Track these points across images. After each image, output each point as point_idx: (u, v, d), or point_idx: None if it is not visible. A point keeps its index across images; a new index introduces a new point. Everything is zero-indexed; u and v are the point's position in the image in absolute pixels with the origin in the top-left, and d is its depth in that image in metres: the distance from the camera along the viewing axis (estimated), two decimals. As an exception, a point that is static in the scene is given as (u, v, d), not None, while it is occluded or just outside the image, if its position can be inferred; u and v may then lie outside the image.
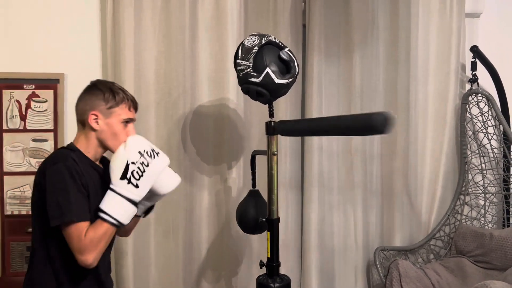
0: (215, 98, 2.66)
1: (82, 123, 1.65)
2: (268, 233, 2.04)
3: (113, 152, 1.62)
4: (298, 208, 2.82)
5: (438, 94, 2.82)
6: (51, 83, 2.61)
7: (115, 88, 1.66)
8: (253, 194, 2.31)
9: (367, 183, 2.82)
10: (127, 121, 1.66)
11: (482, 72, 2.81)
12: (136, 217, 1.77)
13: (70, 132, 2.63)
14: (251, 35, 2.00)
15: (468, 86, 2.86)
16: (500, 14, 2.96)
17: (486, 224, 2.85)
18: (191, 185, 2.67)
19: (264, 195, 2.25)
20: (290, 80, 1.96)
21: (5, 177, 2.59)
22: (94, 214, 1.53)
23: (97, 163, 1.70)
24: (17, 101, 2.59)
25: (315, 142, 2.74)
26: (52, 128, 2.62)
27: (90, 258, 1.47)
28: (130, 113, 1.67)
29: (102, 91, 1.63)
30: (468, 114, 2.85)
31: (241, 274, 2.74)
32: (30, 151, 2.60)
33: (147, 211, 1.81)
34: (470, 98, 2.83)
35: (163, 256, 2.68)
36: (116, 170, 1.53)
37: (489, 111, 2.79)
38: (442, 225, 2.82)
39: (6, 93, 2.59)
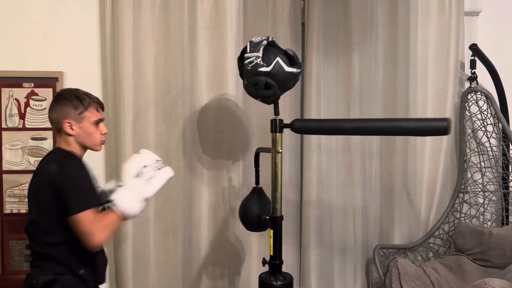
0: (214, 96, 2.66)
1: (59, 130, 1.82)
2: (272, 231, 2.05)
3: (93, 150, 1.87)
4: (297, 206, 2.82)
5: (437, 92, 2.82)
6: (50, 81, 2.61)
7: (80, 94, 1.83)
8: (257, 191, 2.31)
9: (366, 181, 2.82)
10: (97, 122, 1.85)
11: (481, 70, 2.81)
12: None
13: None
14: (255, 38, 2.02)
15: (467, 84, 2.86)
16: (499, 12, 2.96)
17: (485, 222, 2.85)
18: (191, 183, 2.67)
19: (266, 193, 2.25)
20: (299, 70, 2.00)
21: (4, 176, 2.59)
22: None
23: None
24: (16, 99, 2.59)
25: (314, 140, 2.75)
26: (51, 126, 2.60)
27: (100, 239, 1.68)
28: (98, 114, 1.86)
29: (69, 100, 1.80)
30: (467, 112, 2.85)
31: (241, 272, 2.74)
32: (29, 150, 2.60)
33: None
34: (469, 96, 2.83)
35: (163, 255, 2.68)
36: (131, 171, 1.79)
37: (488, 109, 2.80)
38: (441, 223, 2.82)
39: (5, 91, 2.59)
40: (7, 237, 2.59)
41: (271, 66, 1.93)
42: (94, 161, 2.05)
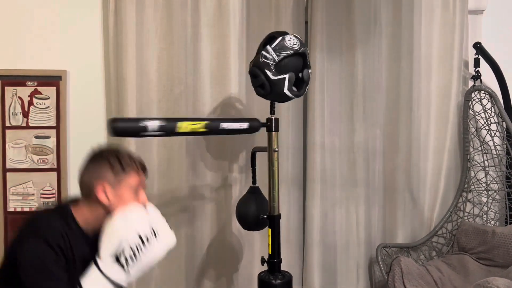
0: (217, 95, 2.65)
1: (88, 194, 1.51)
2: (270, 229, 2.05)
3: None
4: (300, 204, 2.82)
5: (441, 90, 2.81)
6: (54, 80, 2.62)
7: (121, 155, 1.54)
8: (254, 191, 2.31)
9: (369, 179, 2.81)
10: (138, 188, 1.57)
11: (485, 68, 2.79)
12: None
13: (72, 129, 2.65)
14: (295, 36, 1.98)
15: (471, 83, 2.85)
16: (503, 10, 2.95)
17: (488, 221, 2.84)
18: (193, 182, 2.67)
19: (265, 192, 2.25)
20: (294, 97, 1.99)
21: (8, 174, 2.60)
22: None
23: (92, 233, 1.55)
24: (20, 98, 2.60)
25: (317, 139, 2.74)
26: (55, 125, 2.62)
27: None
28: (139, 178, 1.56)
29: (108, 161, 1.51)
30: (470, 111, 2.84)
31: (242, 271, 2.74)
32: (33, 148, 2.61)
33: None
34: (473, 95, 2.82)
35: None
36: (109, 248, 1.41)
37: (492, 108, 2.78)
38: (445, 222, 2.82)
39: (9, 90, 2.60)
40: (10, 235, 2.60)
41: (276, 78, 1.92)
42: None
